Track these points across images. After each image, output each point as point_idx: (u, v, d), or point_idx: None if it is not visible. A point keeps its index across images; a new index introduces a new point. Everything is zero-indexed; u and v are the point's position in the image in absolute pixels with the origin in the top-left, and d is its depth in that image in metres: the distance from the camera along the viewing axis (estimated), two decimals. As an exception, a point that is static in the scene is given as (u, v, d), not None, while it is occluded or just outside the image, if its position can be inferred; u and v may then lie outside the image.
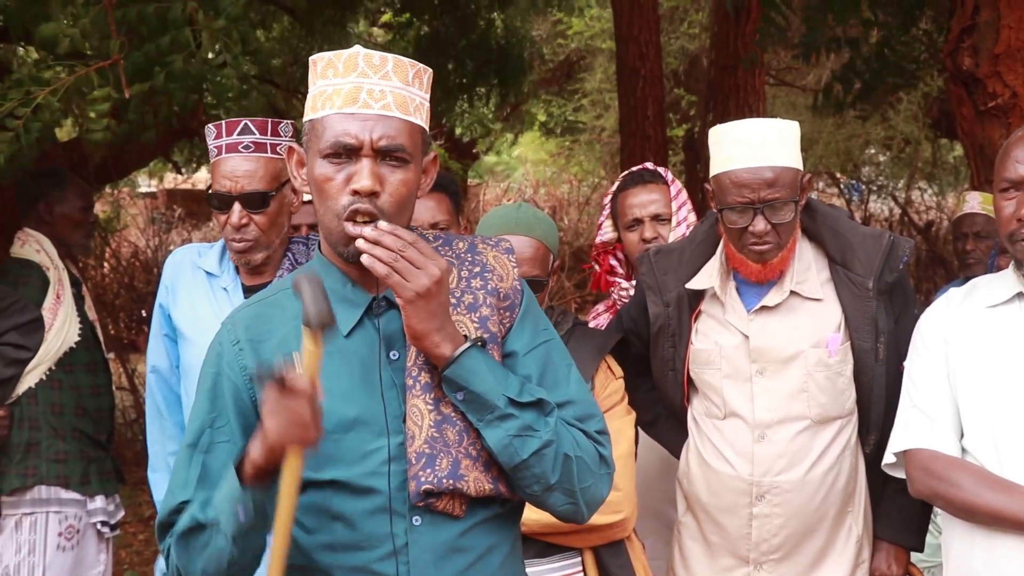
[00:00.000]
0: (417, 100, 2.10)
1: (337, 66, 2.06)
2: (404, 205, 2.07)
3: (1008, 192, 2.60)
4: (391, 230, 2.00)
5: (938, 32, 6.76)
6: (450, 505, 2.07)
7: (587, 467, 2.11)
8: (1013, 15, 4.60)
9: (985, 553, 2.58)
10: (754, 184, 2.91)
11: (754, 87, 8.84)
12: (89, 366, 4.25)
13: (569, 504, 2.12)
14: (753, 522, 3.04)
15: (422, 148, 2.12)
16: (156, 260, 11.82)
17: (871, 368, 3.03)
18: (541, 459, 2.05)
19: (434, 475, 2.03)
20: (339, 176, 2.04)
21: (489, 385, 2.05)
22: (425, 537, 2.07)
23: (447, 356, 2.04)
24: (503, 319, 2.17)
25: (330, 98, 2.05)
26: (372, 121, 2.03)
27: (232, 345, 2.12)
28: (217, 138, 3.11)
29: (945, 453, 2.64)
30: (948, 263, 12.04)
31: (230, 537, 1.98)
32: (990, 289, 2.73)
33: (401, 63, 2.08)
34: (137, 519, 7.48)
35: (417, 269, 1.99)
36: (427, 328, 2.02)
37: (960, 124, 5.03)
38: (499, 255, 2.22)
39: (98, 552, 4.20)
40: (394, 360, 2.11)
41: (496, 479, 2.10)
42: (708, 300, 3.15)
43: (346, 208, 2.03)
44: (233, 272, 3.21)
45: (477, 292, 2.15)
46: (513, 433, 2.04)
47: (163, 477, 3.38)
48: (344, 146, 2.03)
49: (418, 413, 2.06)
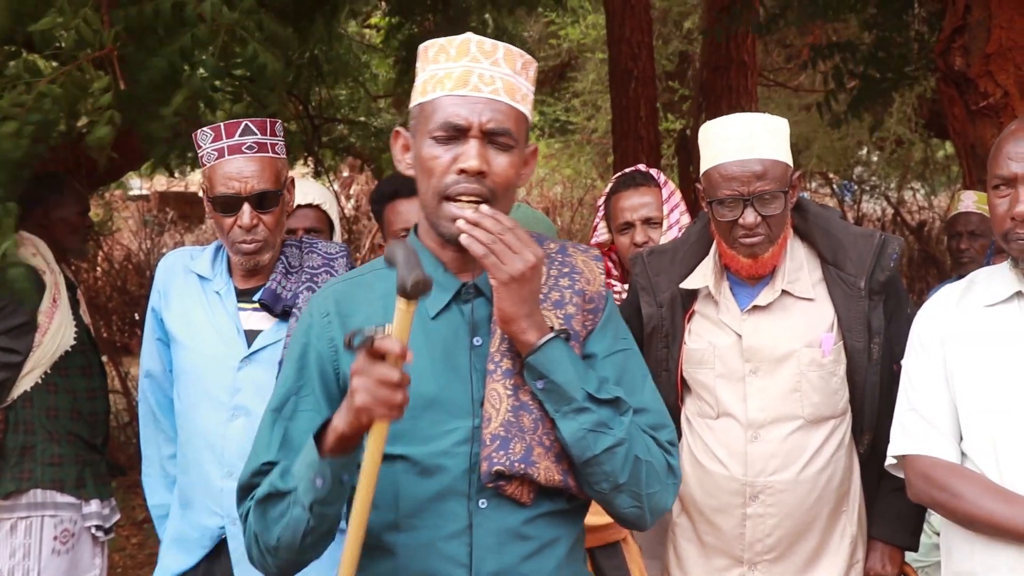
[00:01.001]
0: (524, 89, 2.16)
1: (449, 51, 2.12)
2: (508, 188, 2.12)
3: (1001, 189, 2.60)
4: (492, 214, 2.05)
5: (930, 32, 6.77)
6: (518, 491, 2.11)
7: (655, 473, 2.15)
8: (1004, 15, 4.61)
9: (985, 561, 2.58)
10: (743, 177, 2.93)
11: (746, 88, 8.87)
12: (84, 369, 4.25)
13: (635, 507, 2.15)
14: (747, 522, 3.04)
15: (525, 136, 2.17)
16: (149, 263, 11.82)
17: (864, 368, 3.03)
18: (612, 457, 2.09)
19: (507, 457, 2.07)
20: (446, 156, 2.09)
21: (569, 377, 2.09)
22: (490, 521, 2.11)
23: (532, 343, 2.08)
24: (586, 320, 2.22)
25: (441, 81, 2.11)
26: (482, 104, 2.08)
27: (322, 317, 2.17)
28: (216, 140, 3.09)
29: (945, 460, 2.64)
30: (940, 263, 12.07)
31: (307, 507, 2.01)
32: (988, 287, 2.73)
33: (511, 52, 2.14)
34: (131, 522, 7.46)
35: (514, 253, 2.05)
36: (517, 312, 2.07)
37: (952, 124, 5.05)
38: (588, 260, 2.28)
39: (93, 556, 4.19)
40: (477, 346, 2.16)
41: (566, 472, 2.13)
42: (702, 300, 3.16)
43: (449, 187, 2.08)
44: (226, 275, 3.21)
45: (564, 291, 2.21)
46: (588, 427, 2.08)
47: (156, 480, 3.38)
48: (454, 126, 2.08)
49: (497, 397, 2.11)
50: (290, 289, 3.13)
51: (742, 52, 8.81)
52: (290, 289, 3.13)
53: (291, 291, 3.12)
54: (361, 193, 15.60)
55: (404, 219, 3.54)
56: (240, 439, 3.07)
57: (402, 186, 3.57)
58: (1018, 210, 2.55)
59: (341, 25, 7.57)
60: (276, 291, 3.12)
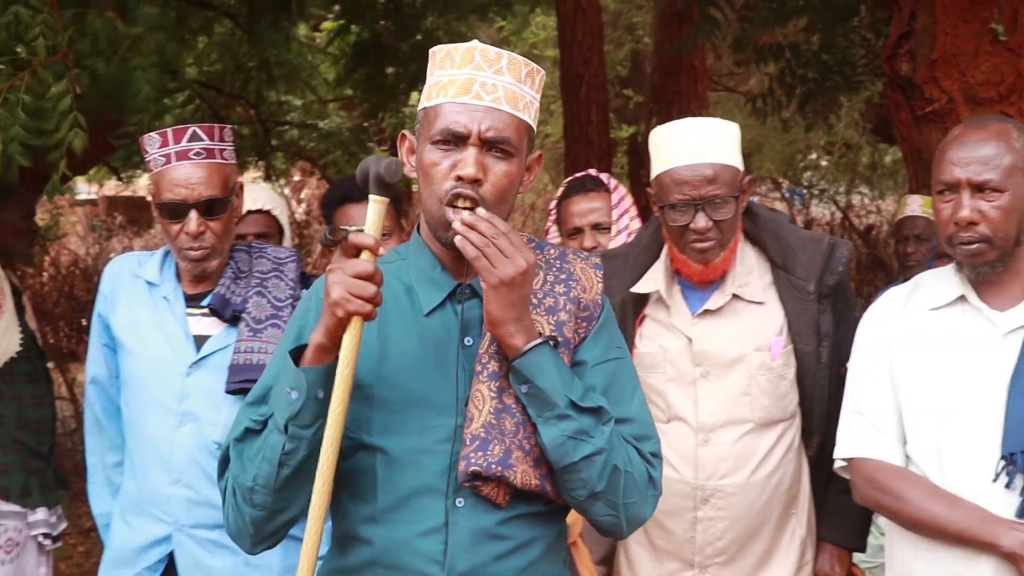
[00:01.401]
0: (527, 98, 2.18)
1: (454, 57, 2.16)
2: (504, 196, 2.15)
3: (945, 195, 2.63)
4: (488, 218, 2.08)
5: (876, 37, 6.84)
6: (494, 492, 2.13)
7: (635, 484, 2.17)
8: (949, 21, 4.66)
9: (928, 564, 2.61)
10: (695, 181, 2.94)
11: (697, 93, 8.92)
12: (30, 376, 4.20)
13: (611, 516, 2.17)
14: (698, 526, 3.05)
15: (527, 144, 2.20)
16: (96, 268, 11.71)
17: (813, 371, 3.06)
18: (590, 465, 2.11)
19: (484, 459, 2.09)
20: (445, 162, 2.12)
21: (554, 383, 2.11)
22: (466, 520, 2.13)
23: (519, 347, 2.10)
24: (579, 328, 2.24)
25: (444, 87, 2.14)
26: (482, 112, 2.11)
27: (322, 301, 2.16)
28: (163, 146, 3.06)
29: (890, 463, 2.67)
30: (888, 266, 12.18)
31: (282, 428, 2.03)
32: (933, 290, 2.75)
33: (515, 60, 2.16)
34: (77, 530, 7.38)
35: (505, 258, 2.07)
36: (505, 316, 2.09)
37: (898, 129, 5.09)
38: (587, 268, 2.31)
39: (38, 565, 4.14)
40: (467, 346, 2.18)
41: (544, 477, 2.16)
42: (653, 304, 3.16)
43: (448, 192, 2.11)
44: (174, 280, 3.17)
45: (559, 297, 2.24)
46: (568, 434, 2.10)
47: (102, 489, 3.33)
48: (453, 133, 2.11)
49: (480, 398, 2.14)
50: (239, 294, 3.10)
51: (693, 57, 8.86)
52: (239, 294, 3.10)
53: (240, 296, 3.10)
54: (312, 197, 15.55)
55: (354, 223, 3.52)
56: (188, 445, 3.04)
57: (352, 190, 3.55)
58: (962, 215, 2.58)
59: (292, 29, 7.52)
60: (225, 296, 3.09)
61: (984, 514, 2.51)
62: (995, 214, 2.57)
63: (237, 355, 3.02)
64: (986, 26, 4.69)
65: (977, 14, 4.66)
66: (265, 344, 3.03)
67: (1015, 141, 2.59)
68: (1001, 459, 2.52)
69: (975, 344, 2.63)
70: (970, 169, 2.57)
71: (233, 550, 3.06)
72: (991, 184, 2.56)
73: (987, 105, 4.58)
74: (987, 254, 2.59)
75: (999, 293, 2.65)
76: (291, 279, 3.17)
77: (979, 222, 2.57)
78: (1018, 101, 4.61)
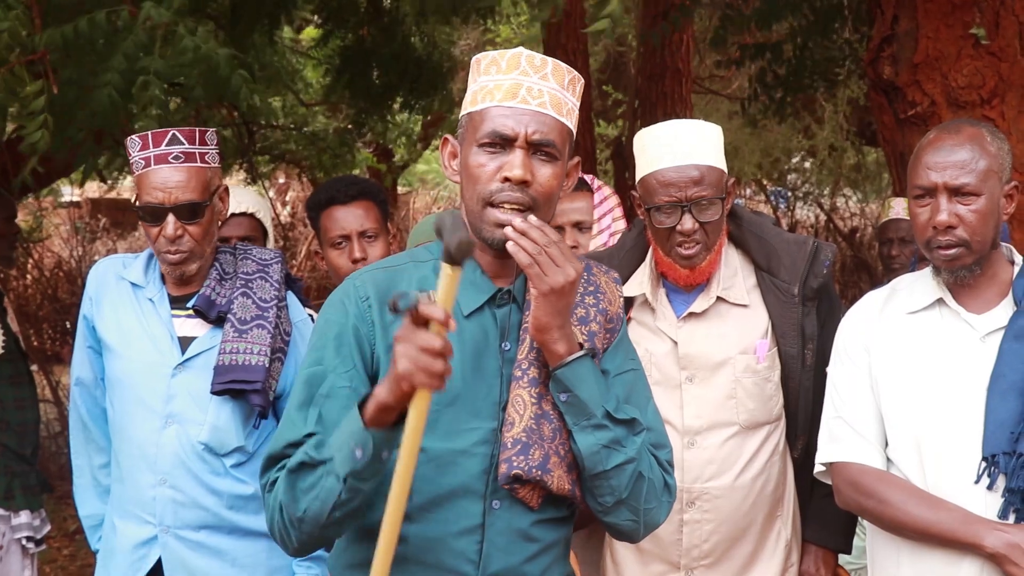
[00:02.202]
0: (570, 104, 2.23)
1: (500, 64, 2.20)
2: (550, 198, 2.20)
3: (922, 199, 2.64)
4: (539, 225, 2.12)
5: (859, 41, 6.87)
6: (529, 495, 2.20)
7: (654, 491, 2.26)
8: (931, 25, 4.69)
9: (911, 567, 2.62)
10: (681, 183, 2.94)
11: (681, 95, 8.93)
12: (13, 379, 4.18)
13: (631, 521, 2.26)
14: (684, 528, 3.06)
15: (568, 150, 2.25)
16: (80, 270, 11.65)
17: (798, 374, 3.06)
18: (621, 473, 2.19)
19: (526, 463, 2.15)
20: (492, 164, 2.16)
21: (592, 394, 2.18)
22: (502, 521, 2.20)
23: (561, 355, 2.17)
24: (605, 339, 2.33)
25: (491, 92, 2.19)
26: (528, 116, 2.16)
27: (361, 301, 2.22)
28: (143, 149, 3.06)
29: (872, 467, 2.68)
30: (872, 269, 12.23)
31: (343, 477, 2.02)
32: (910, 293, 2.77)
33: (559, 67, 2.21)
34: (62, 533, 7.35)
35: (556, 266, 2.12)
36: (551, 323, 2.15)
37: (881, 132, 5.12)
38: (609, 281, 2.39)
39: (22, 568, 4.13)
40: (505, 351, 2.23)
41: (574, 483, 2.24)
42: (638, 307, 3.17)
43: (493, 194, 2.15)
44: (159, 282, 3.17)
45: (589, 308, 2.31)
46: (603, 443, 2.18)
47: (88, 491, 3.33)
48: (501, 136, 2.15)
49: (521, 403, 2.19)
50: (224, 295, 3.10)
51: (677, 60, 8.88)
52: (224, 295, 3.10)
53: (225, 297, 3.10)
54: (297, 200, 15.52)
55: (340, 226, 3.52)
56: (173, 447, 3.04)
57: (338, 192, 3.55)
58: (939, 219, 2.59)
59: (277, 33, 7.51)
60: (210, 297, 3.09)
61: (967, 515, 2.53)
62: (972, 218, 2.58)
63: (222, 356, 3.02)
64: (968, 30, 4.73)
65: (959, 18, 4.69)
66: (250, 345, 3.03)
67: (989, 145, 2.61)
68: (982, 460, 2.53)
69: (954, 347, 2.64)
70: (947, 174, 2.59)
71: (219, 551, 3.07)
72: (968, 188, 2.58)
73: (969, 108, 4.61)
74: (965, 258, 2.61)
75: (976, 296, 2.67)
76: (276, 280, 3.17)
77: (956, 226, 2.58)
78: (999, 104, 4.64)
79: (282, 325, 3.13)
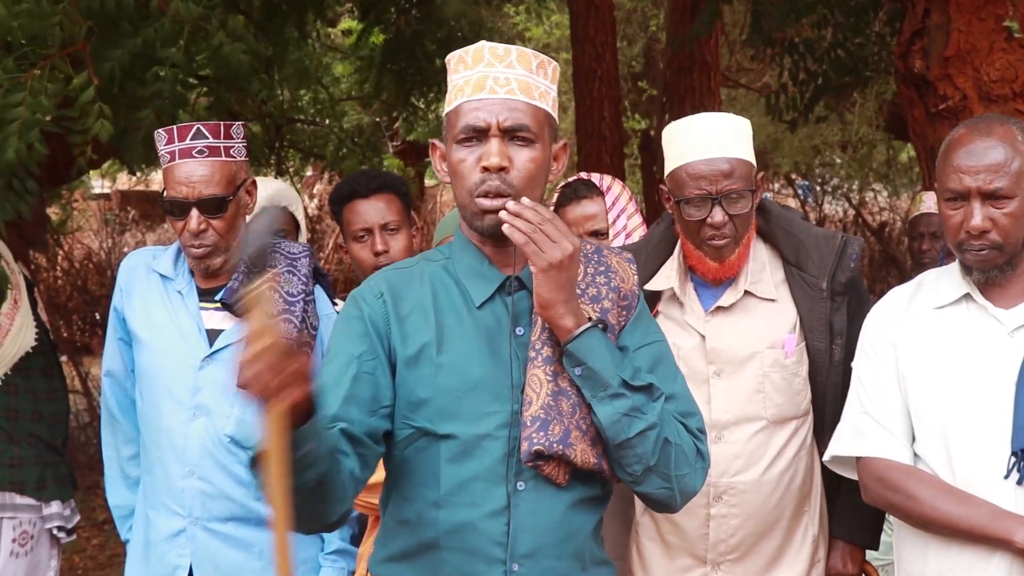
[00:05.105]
0: (542, 87, 2.29)
1: (466, 60, 2.28)
2: (533, 181, 2.25)
3: (954, 202, 2.60)
4: (532, 206, 2.18)
5: (890, 34, 6.82)
6: (555, 472, 2.24)
7: (685, 457, 2.28)
8: (962, 19, 4.65)
9: (939, 563, 2.60)
10: (711, 176, 2.93)
11: (709, 89, 8.90)
12: (45, 370, 4.21)
13: (665, 488, 2.28)
14: (710, 522, 3.05)
15: (548, 132, 2.30)
16: (109, 262, 11.73)
17: (826, 369, 3.05)
18: (644, 439, 2.22)
19: (546, 438, 2.20)
20: (471, 157, 2.24)
21: (606, 364, 2.22)
22: (528, 503, 2.25)
23: (570, 329, 2.22)
24: (620, 316, 2.37)
25: (461, 89, 2.27)
26: (498, 104, 2.23)
27: (376, 298, 2.31)
28: (169, 143, 3.08)
29: (899, 462, 2.66)
30: (901, 263, 12.16)
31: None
32: (936, 288, 2.75)
33: (524, 53, 2.28)
34: (91, 524, 7.41)
35: (552, 242, 2.17)
36: (555, 298, 2.20)
37: (912, 126, 5.08)
38: (622, 261, 2.43)
39: (50, 558, 4.16)
40: (519, 336, 2.30)
41: (600, 456, 2.27)
42: (665, 302, 3.16)
43: (477, 185, 2.23)
44: (188, 275, 3.19)
45: (601, 287, 2.36)
46: (623, 411, 2.22)
47: (117, 481, 3.36)
48: (474, 128, 2.23)
49: (537, 382, 2.24)
50: (252, 289, 3.11)
51: (705, 53, 8.85)
52: (252, 289, 3.11)
53: (253, 291, 3.11)
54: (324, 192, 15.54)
55: (363, 219, 3.53)
56: (202, 438, 3.06)
57: (359, 186, 3.56)
58: (974, 224, 2.56)
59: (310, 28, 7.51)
60: (238, 290, 3.10)
61: (997, 510, 2.51)
62: (1006, 221, 2.56)
63: (248, 349, 3.03)
64: (1000, 23, 4.67)
65: (991, 11, 4.64)
66: None
67: (1020, 144, 2.57)
68: (1012, 455, 2.52)
69: (981, 342, 2.62)
70: (980, 178, 2.55)
71: (246, 544, 3.08)
72: (1002, 192, 2.55)
73: (1001, 103, 4.56)
74: (997, 259, 2.59)
75: (1004, 291, 2.65)
76: (304, 274, 3.18)
77: (990, 230, 2.56)
78: (1032, 98, 4.60)
79: (309, 319, 3.14)
